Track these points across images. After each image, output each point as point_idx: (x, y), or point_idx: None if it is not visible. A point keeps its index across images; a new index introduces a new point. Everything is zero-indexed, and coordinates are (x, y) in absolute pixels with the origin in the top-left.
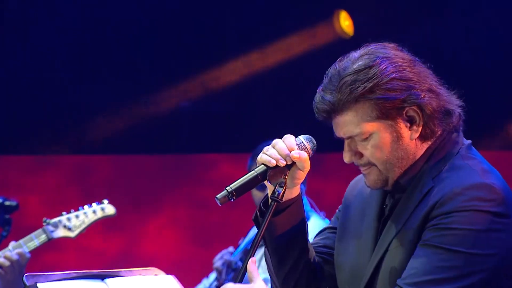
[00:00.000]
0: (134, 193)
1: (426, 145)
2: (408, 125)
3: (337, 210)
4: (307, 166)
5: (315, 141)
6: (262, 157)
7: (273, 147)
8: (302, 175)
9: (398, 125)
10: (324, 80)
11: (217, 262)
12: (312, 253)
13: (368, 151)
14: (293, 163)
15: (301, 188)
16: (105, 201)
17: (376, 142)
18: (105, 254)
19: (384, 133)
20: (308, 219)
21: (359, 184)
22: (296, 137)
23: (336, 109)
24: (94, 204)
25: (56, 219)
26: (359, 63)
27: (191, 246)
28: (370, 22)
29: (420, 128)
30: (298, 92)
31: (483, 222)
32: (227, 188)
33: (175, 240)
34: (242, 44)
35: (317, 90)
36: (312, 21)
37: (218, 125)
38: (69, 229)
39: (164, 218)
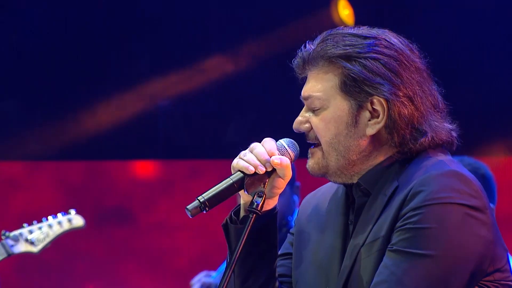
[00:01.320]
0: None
1: (388, 152)
2: (369, 116)
3: (288, 234)
4: (289, 173)
5: (298, 146)
6: (238, 163)
7: (251, 152)
8: (282, 184)
9: (358, 110)
10: None
11: (195, 285)
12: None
13: (317, 122)
14: (274, 170)
15: (295, 199)
16: (72, 211)
17: (328, 115)
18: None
19: (340, 109)
20: None
21: (312, 203)
22: (276, 140)
23: (307, 60)
24: (59, 215)
25: (16, 232)
26: (356, 30)
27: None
28: (371, 11)
29: (379, 126)
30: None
31: (456, 217)
32: (198, 198)
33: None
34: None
35: None
36: (309, 10)
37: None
38: (32, 243)
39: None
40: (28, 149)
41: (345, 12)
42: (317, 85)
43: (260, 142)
